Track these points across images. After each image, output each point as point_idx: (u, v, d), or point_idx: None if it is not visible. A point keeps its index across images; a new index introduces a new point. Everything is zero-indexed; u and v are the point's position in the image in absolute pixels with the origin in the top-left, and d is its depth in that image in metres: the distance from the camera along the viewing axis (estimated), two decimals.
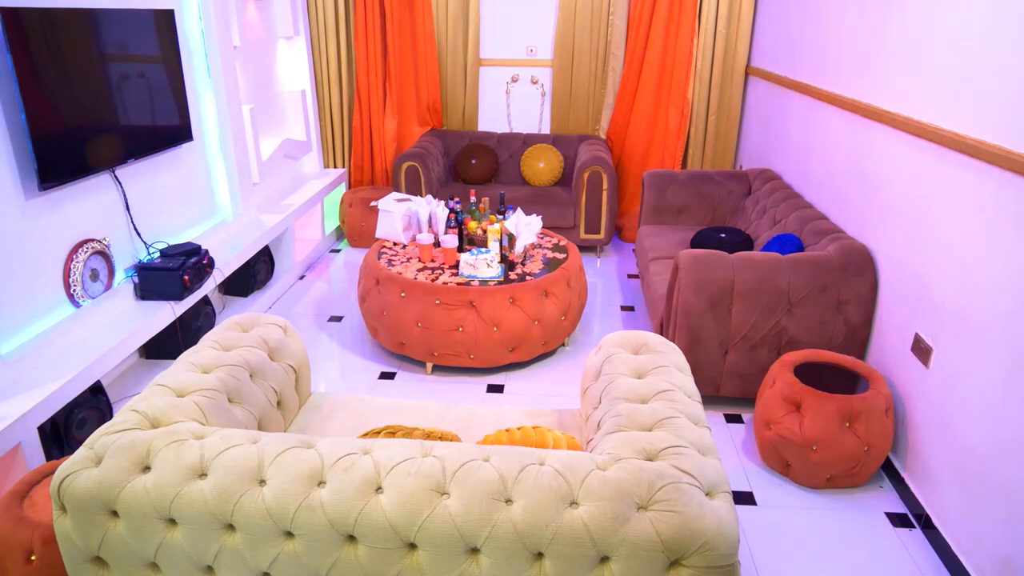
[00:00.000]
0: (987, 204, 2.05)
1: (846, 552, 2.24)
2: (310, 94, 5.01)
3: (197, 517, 1.38)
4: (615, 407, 1.65)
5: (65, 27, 2.56)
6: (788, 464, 2.52)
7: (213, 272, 3.20)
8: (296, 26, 4.70)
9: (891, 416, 2.43)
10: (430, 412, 2.16)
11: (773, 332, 2.78)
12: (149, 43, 3.05)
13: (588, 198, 4.61)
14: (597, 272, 4.60)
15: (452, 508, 1.31)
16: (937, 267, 2.31)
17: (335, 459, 1.40)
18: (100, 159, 2.77)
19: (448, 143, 5.19)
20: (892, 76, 2.67)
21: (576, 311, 3.43)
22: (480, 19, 5.09)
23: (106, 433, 1.49)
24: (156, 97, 3.12)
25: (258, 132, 4.13)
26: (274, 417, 1.96)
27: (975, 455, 2.06)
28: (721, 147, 5.00)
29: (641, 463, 1.38)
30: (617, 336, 2.03)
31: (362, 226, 4.92)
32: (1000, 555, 1.93)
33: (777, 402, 2.50)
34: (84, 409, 2.53)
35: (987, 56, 2.08)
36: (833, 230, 2.97)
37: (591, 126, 5.25)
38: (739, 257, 2.78)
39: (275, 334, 2.09)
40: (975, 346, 2.09)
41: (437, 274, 3.25)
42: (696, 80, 4.85)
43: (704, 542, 1.26)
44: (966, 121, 2.17)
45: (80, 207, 2.77)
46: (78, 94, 2.64)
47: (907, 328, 2.49)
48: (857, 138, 2.97)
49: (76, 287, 2.71)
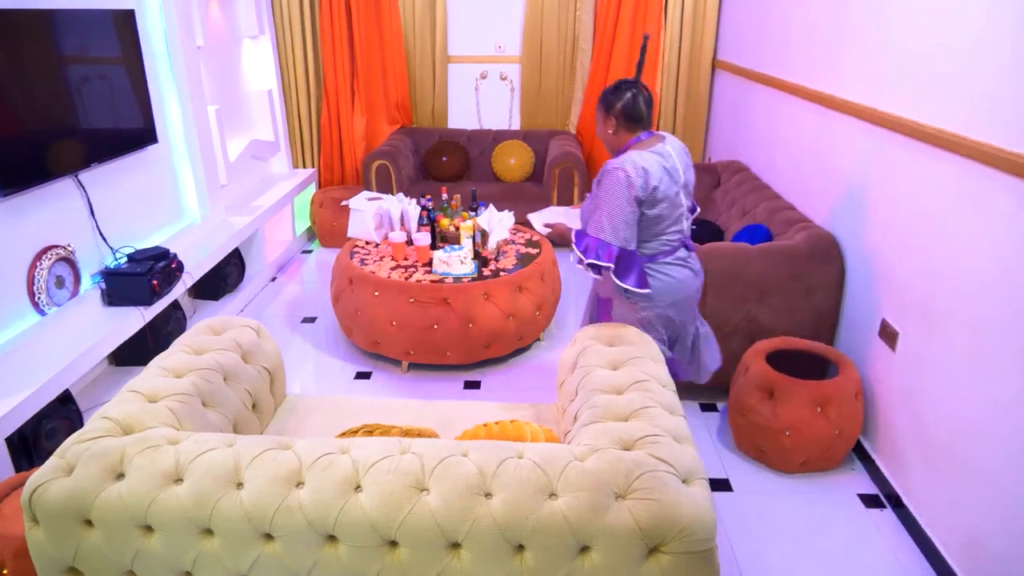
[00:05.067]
0: (948, 191, 2.10)
1: (820, 533, 2.29)
2: (277, 94, 4.95)
3: (174, 523, 1.36)
4: (591, 399, 1.67)
5: (22, 29, 2.50)
6: (762, 450, 2.56)
7: (182, 276, 3.15)
8: (261, 25, 4.64)
9: (861, 400, 2.49)
10: (407, 410, 2.16)
11: (745, 321, 2.82)
12: (109, 44, 2.99)
13: (560, 193, 4.63)
14: (570, 266, 4.61)
15: (432, 504, 1.32)
16: (901, 254, 2.36)
17: (313, 459, 1.39)
18: (62, 164, 2.71)
19: (418, 141, 5.17)
20: (854, 67, 2.72)
21: (550, 305, 3.44)
22: (448, 16, 5.07)
23: (77, 441, 1.47)
24: (118, 99, 3.06)
25: (225, 133, 4.08)
26: (250, 420, 1.94)
27: (941, 435, 2.12)
28: (690, 140, 5.05)
29: (618, 453, 1.39)
30: (592, 329, 2.05)
31: (333, 226, 4.88)
32: (968, 531, 1.99)
33: (750, 390, 2.54)
34: (53, 419, 2.48)
35: (945, 47, 2.13)
36: (801, 219, 3.02)
37: (561, 121, 5.27)
38: (710, 248, 2.82)
39: (248, 336, 2.07)
40: (939, 330, 2.14)
41: (410, 272, 3.24)
42: (664, 74, 4.89)
43: (682, 528, 1.28)
44: (926, 110, 2.22)
45: (43, 213, 2.71)
46: (37, 97, 2.58)
47: (874, 314, 2.54)
48: (822, 129, 3.02)
49: (41, 295, 2.66)
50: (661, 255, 2.19)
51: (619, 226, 2.04)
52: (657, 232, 2.15)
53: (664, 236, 2.17)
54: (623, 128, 2.15)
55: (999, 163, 1.84)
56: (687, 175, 2.19)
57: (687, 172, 2.19)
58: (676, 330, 2.32)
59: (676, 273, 2.21)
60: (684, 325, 2.33)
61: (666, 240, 2.18)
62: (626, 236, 2.05)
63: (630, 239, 2.07)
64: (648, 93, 2.15)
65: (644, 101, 2.13)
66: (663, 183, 2.07)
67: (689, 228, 2.28)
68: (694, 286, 2.29)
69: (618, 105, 2.13)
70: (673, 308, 2.24)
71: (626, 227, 2.04)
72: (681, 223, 2.20)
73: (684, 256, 2.24)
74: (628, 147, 2.14)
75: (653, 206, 2.08)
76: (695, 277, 2.28)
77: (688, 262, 2.26)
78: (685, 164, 2.19)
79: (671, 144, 2.17)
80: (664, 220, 2.13)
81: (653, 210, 2.09)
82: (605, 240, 2.06)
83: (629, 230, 2.05)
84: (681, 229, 2.21)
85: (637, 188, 2.02)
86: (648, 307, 2.21)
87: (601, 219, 2.05)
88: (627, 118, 2.13)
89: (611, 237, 2.05)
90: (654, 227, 2.13)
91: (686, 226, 2.24)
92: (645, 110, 2.13)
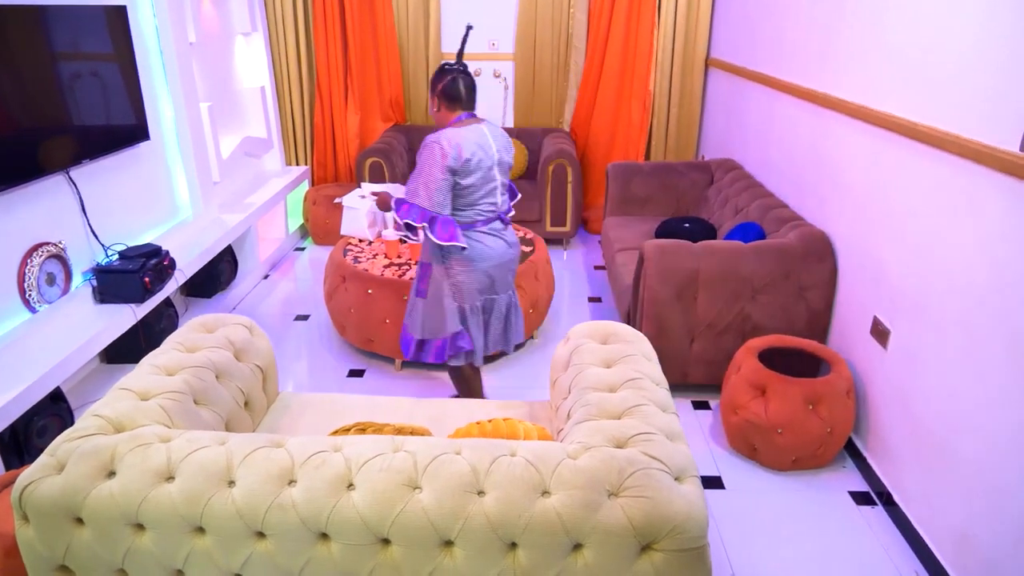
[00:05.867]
0: (941, 190, 2.11)
1: (812, 531, 2.30)
2: (270, 91, 4.93)
3: (165, 521, 1.36)
4: (584, 396, 1.67)
5: (12, 24, 2.48)
6: (755, 448, 2.57)
7: (175, 273, 3.14)
8: (254, 22, 4.62)
9: (852, 397, 2.50)
10: (400, 408, 2.16)
11: (737, 319, 2.83)
12: (101, 40, 2.98)
13: (553, 191, 4.63)
14: (564, 264, 4.62)
15: (425, 502, 1.31)
16: (893, 252, 2.37)
17: (305, 457, 1.39)
18: (53, 160, 2.70)
19: (412, 138, 5.16)
20: (848, 66, 2.73)
21: (544, 303, 3.44)
22: (441, 13, 5.06)
23: (68, 439, 1.46)
24: (110, 96, 3.04)
25: (217, 130, 4.06)
26: (242, 418, 1.93)
27: (932, 433, 2.13)
28: (683, 138, 5.06)
29: (611, 451, 1.40)
30: (585, 327, 2.05)
31: (327, 223, 4.87)
32: (958, 528, 2.00)
33: (743, 388, 2.55)
34: (44, 416, 2.47)
35: (939, 45, 2.14)
36: (793, 218, 3.03)
37: (554, 119, 5.27)
38: (703, 246, 2.82)
39: (241, 334, 2.06)
40: (930, 328, 2.15)
41: (404, 270, 3.24)
42: (657, 72, 4.89)
43: (674, 526, 1.28)
44: (919, 109, 2.23)
45: (34, 210, 2.69)
46: (28, 94, 2.57)
47: (866, 312, 2.55)
48: (815, 127, 3.03)
49: (32, 292, 2.64)
50: (478, 223, 2.43)
51: (432, 192, 2.30)
52: (471, 202, 2.40)
53: (478, 206, 2.42)
54: (444, 107, 2.40)
55: (991, 162, 1.85)
56: (502, 155, 2.44)
57: (503, 153, 2.44)
58: (491, 296, 2.55)
59: (489, 241, 2.45)
60: (498, 293, 2.56)
61: (480, 210, 2.43)
62: (439, 201, 2.32)
63: (443, 204, 2.33)
64: (469, 78, 2.39)
65: (464, 84, 2.37)
66: (475, 157, 2.32)
67: (505, 205, 2.52)
68: (507, 256, 2.52)
69: (439, 86, 2.38)
70: (485, 275, 2.47)
71: (439, 193, 2.31)
72: (495, 197, 2.45)
73: (499, 228, 2.49)
74: (449, 125, 2.39)
75: (466, 176, 2.33)
76: (508, 248, 2.52)
77: (502, 234, 2.50)
78: (501, 146, 2.45)
79: (488, 127, 2.42)
80: (477, 190, 2.38)
81: (466, 180, 2.34)
82: (419, 204, 2.32)
83: (441, 196, 2.31)
84: (495, 203, 2.46)
85: (450, 159, 2.27)
86: (462, 272, 2.44)
87: (417, 186, 2.32)
88: (447, 98, 2.37)
89: (424, 201, 2.31)
90: (468, 196, 2.38)
91: (500, 201, 2.48)
92: (464, 92, 2.37)
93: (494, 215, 2.47)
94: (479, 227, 2.43)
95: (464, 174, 2.32)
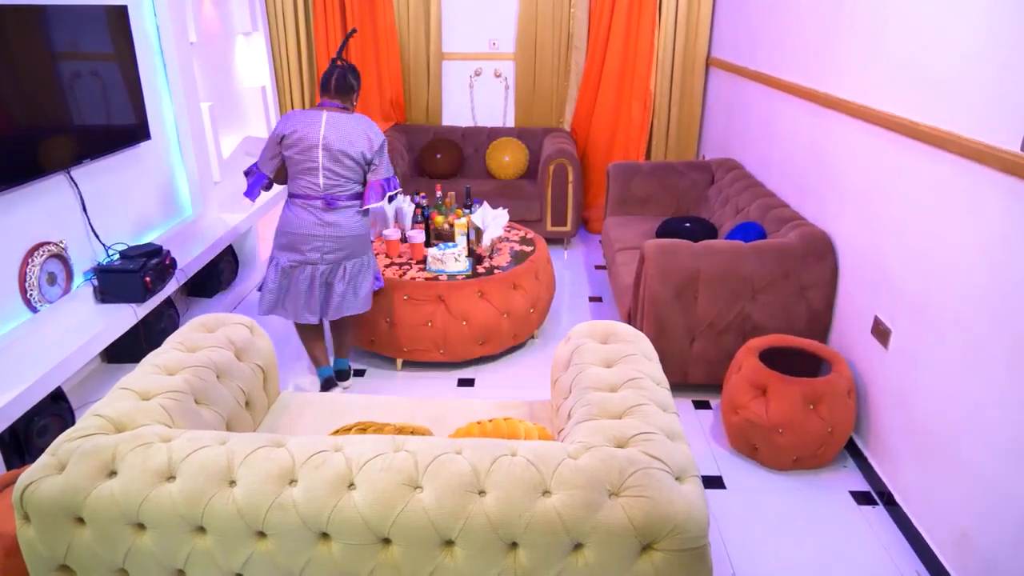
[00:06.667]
0: (941, 189, 2.11)
1: (813, 531, 2.30)
2: (271, 91, 4.93)
3: (166, 521, 1.36)
4: (585, 396, 1.67)
5: (13, 24, 2.48)
6: (755, 447, 2.57)
7: (176, 273, 3.14)
8: (254, 22, 4.62)
9: (853, 397, 2.50)
10: (401, 408, 2.16)
11: (738, 319, 2.83)
12: (102, 40, 2.98)
13: (554, 191, 4.63)
14: (564, 264, 4.62)
15: (425, 502, 1.32)
16: (894, 251, 2.37)
17: (306, 457, 1.39)
18: (53, 160, 2.70)
19: (412, 138, 5.16)
20: (849, 65, 2.73)
21: (545, 303, 3.44)
22: (442, 13, 5.06)
23: (69, 439, 1.46)
24: (111, 95, 3.05)
25: (218, 130, 4.06)
26: (243, 418, 1.94)
27: (933, 433, 2.13)
28: (684, 138, 5.05)
29: (612, 450, 1.40)
30: (586, 326, 2.05)
31: None
32: (959, 528, 2.00)
33: (743, 387, 2.55)
34: (45, 416, 2.47)
35: (939, 45, 2.14)
36: (794, 217, 3.03)
37: (555, 119, 5.27)
38: (704, 246, 2.82)
39: (241, 334, 2.06)
40: (931, 327, 2.15)
41: (405, 270, 3.24)
42: (658, 71, 4.89)
43: (675, 526, 1.28)
44: (920, 109, 2.23)
45: (34, 210, 2.69)
46: (28, 93, 2.57)
47: (867, 311, 2.55)
48: (816, 127, 3.03)
49: (33, 292, 2.64)
50: (299, 197, 2.78)
51: (264, 154, 2.80)
52: (293, 174, 2.78)
53: (300, 180, 2.77)
54: (319, 91, 2.86)
55: (992, 161, 1.85)
56: (330, 141, 2.71)
57: (333, 140, 2.71)
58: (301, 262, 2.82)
59: (299, 212, 2.78)
60: (307, 259, 2.81)
61: (302, 184, 2.77)
62: (261, 161, 2.82)
63: (263, 162, 2.81)
64: (340, 72, 2.78)
65: (335, 76, 2.78)
66: (296, 133, 2.71)
67: (329, 187, 2.76)
68: (319, 233, 2.78)
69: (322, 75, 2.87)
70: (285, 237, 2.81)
71: (264, 152, 2.80)
72: (315, 176, 2.74)
73: (319, 207, 2.77)
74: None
75: (288, 148, 2.74)
76: (322, 227, 2.77)
77: (318, 213, 2.77)
78: (340, 136, 2.72)
79: (329, 115, 2.74)
80: (297, 164, 2.74)
81: (288, 151, 2.74)
82: (257, 164, 2.84)
83: (265, 158, 2.80)
84: (316, 182, 2.75)
85: (279, 129, 2.75)
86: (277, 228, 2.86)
87: (262, 149, 2.83)
88: (321, 85, 2.82)
89: (259, 161, 2.83)
90: (291, 167, 2.77)
91: (323, 183, 2.75)
92: (332, 83, 2.78)
93: (316, 194, 2.76)
94: (300, 200, 2.78)
95: (287, 146, 2.73)
